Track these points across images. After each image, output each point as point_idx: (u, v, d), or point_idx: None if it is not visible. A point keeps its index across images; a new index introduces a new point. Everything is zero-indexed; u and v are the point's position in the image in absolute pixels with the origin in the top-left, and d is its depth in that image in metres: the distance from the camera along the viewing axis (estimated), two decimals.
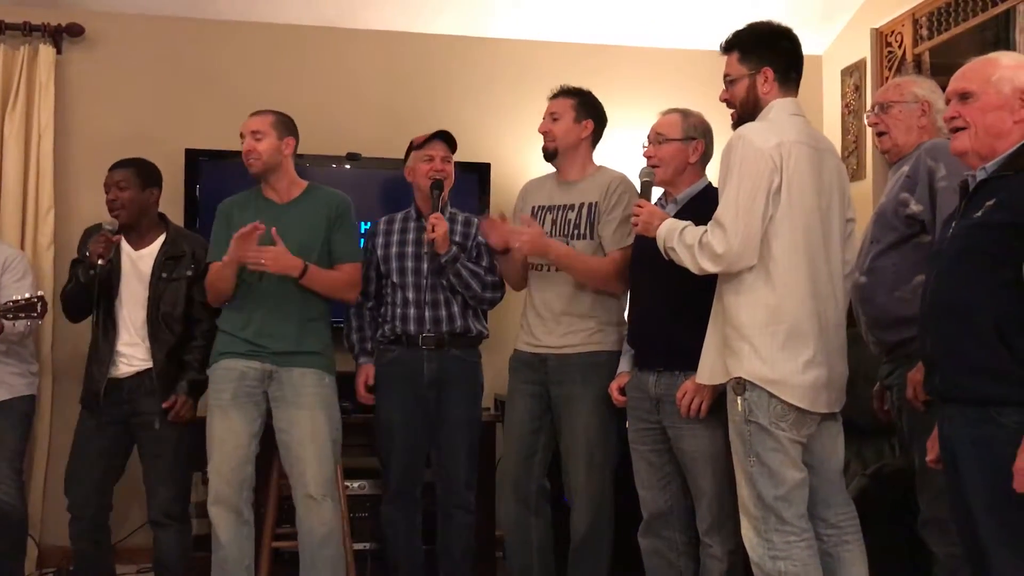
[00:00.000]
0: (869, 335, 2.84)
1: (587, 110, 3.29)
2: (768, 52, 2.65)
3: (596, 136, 3.33)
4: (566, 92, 3.32)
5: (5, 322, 3.20)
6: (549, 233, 3.24)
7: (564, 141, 3.25)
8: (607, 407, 3.12)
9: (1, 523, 3.38)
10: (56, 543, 4.02)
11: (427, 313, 3.39)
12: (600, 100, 3.35)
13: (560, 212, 3.26)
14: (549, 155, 3.29)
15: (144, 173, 3.45)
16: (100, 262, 3.24)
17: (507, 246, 3.22)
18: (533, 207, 3.32)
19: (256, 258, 3.08)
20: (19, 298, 3.18)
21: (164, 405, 3.31)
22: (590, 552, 3.18)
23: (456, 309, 3.41)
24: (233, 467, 3.14)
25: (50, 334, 4.03)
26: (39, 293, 3.22)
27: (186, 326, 3.39)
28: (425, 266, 3.40)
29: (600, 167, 3.33)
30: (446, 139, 3.47)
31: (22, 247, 4.02)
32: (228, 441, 3.15)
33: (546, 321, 3.21)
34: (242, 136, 3.27)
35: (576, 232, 3.21)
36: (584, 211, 3.22)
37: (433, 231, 3.29)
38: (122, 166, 3.45)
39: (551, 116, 3.28)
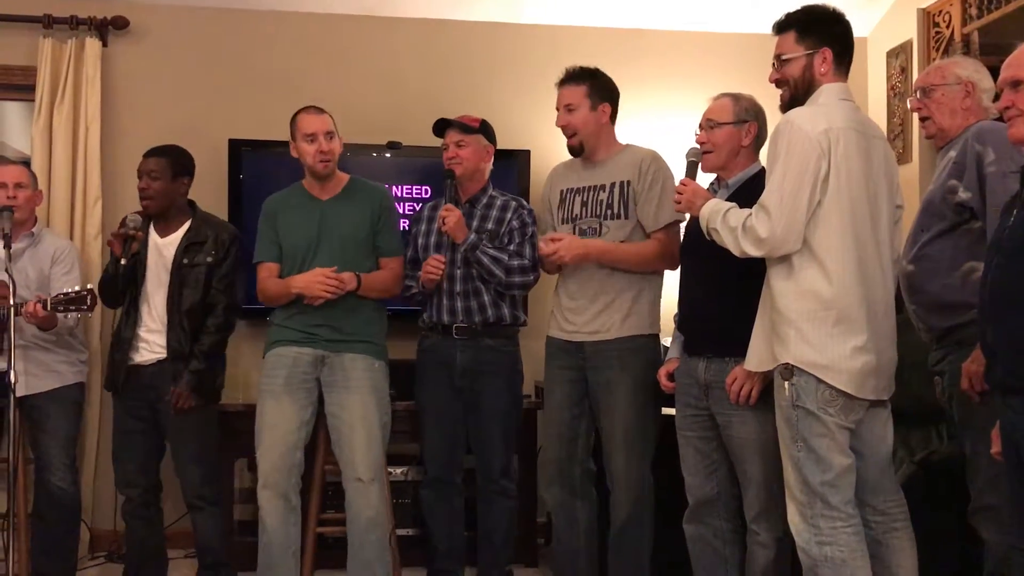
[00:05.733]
0: (919, 323, 2.81)
1: (600, 93, 3.23)
2: (827, 33, 2.62)
3: (614, 115, 3.28)
4: (575, 77, 3.24)
5: (57, 315, 3.27)
6: (579, 215, 3.22)
7: (585, 132, 3.21)
8: (645, 392, 3.12)
9: (56, 508, 3.46)
10: (107, 527, 4.11)
11: (459, 304, 3.40)
12: (640, 85, 3.32)
13: (590, 193, 3.23)
14: (576, 151, 3.25)
15: (176, 163, 3.48)
16: (123, 261, 3.30)
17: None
18: (562, 190, 3.31)
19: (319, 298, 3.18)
20: (70, 291, 3.24)
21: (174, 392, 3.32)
22: (631, 539, 3.18)
23: (488, 298, 3.40)
24: (283, 452, 3.18)
25: (99, 323, 4.10)
26: (88, 286, 3.28)
27: (203, 315, 3.41)
28: (458, 257, 3.40)
29: (627, 145, 3.29)
30: (455, 124, 3.42)
31: (71, 237, 4.09)
32: (279, 427, 3.19)
33: (579, 305, 3.20)
34: (311, 136, 3.25)
35: (609, 212, 3.18)
36: (616, 190, 3.19)
37: (444, 223, 3.31)
38: (156, 154, 3.48)
39: (566, 108, 3.22)
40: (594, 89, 3.22)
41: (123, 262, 3.31)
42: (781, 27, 2.67)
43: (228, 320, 3.47)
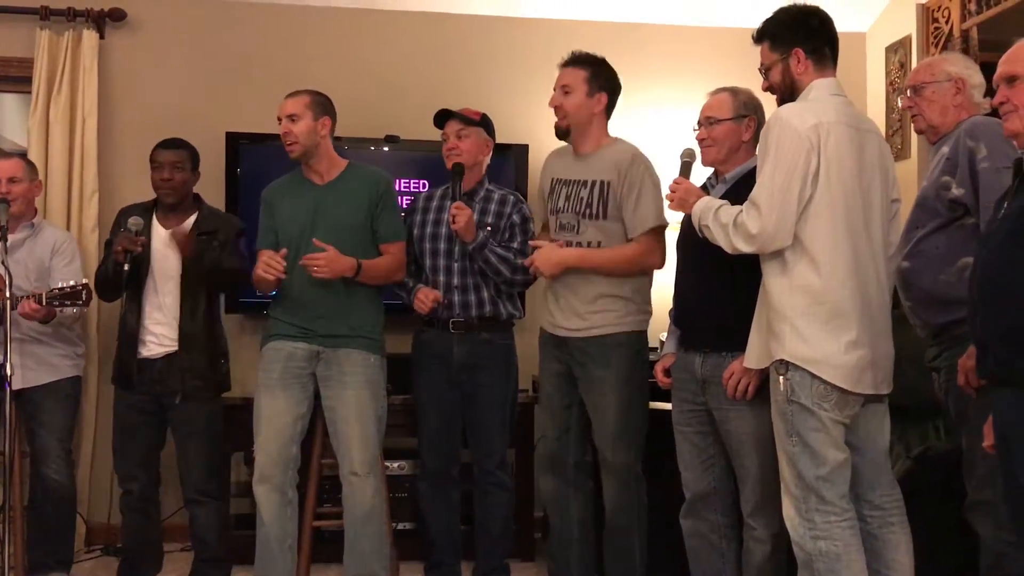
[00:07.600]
0: (915, 318, 2.81)
1: (600, 82, 3.17)
2: (797, 34, 2.64)
3: (610, 107, 3.22)
4: (578, 61, 3.18)
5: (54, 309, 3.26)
6: (562, 209, 3.21)
7: (576, 117, 3.16)
8: (631, 387, 3.13)
9: (52, 501, 3.46)
10: (103, 520, 4.10)
11: (456, 298, 3.39)
12: (638, 79, 3.29)
13: (574, 187, 3.20)
14: (561, 133, 3.21)
15: (194, 156, 3.52)
16: (126, 266, 3.27)
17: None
18: (552, 179, 3.29)
19: (311, 265, 3.13)
20: (65, 285, 3.24)
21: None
22: (621, 533, 3.19)
23: (486, 294, 3.40)
24: (278, 446, 3.19)
25: (95, 317, 4.10)
26: (84, 281, 3.28)
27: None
28: (456, 249, 3.40)
29: (615, 140, 3.23)
30: (457, 116, 3.41)
31: (67, 230, 4.08)
32: (274, 420, 3.20)
33: (564, 304, 3.19)
34: (279, 119, 3.28)
35: (588, 211, 3.15)
36: (596, 189, 3.15)
37: (455, 222, 3.27)
38: (177, 146, 3.48)
39: (562, 89, 3.16)
40: (594, 76, 3.17)
41: (126, 267, 3.28)
42: (758, 38, 2.71)
43: (244, 269, 3.42)
